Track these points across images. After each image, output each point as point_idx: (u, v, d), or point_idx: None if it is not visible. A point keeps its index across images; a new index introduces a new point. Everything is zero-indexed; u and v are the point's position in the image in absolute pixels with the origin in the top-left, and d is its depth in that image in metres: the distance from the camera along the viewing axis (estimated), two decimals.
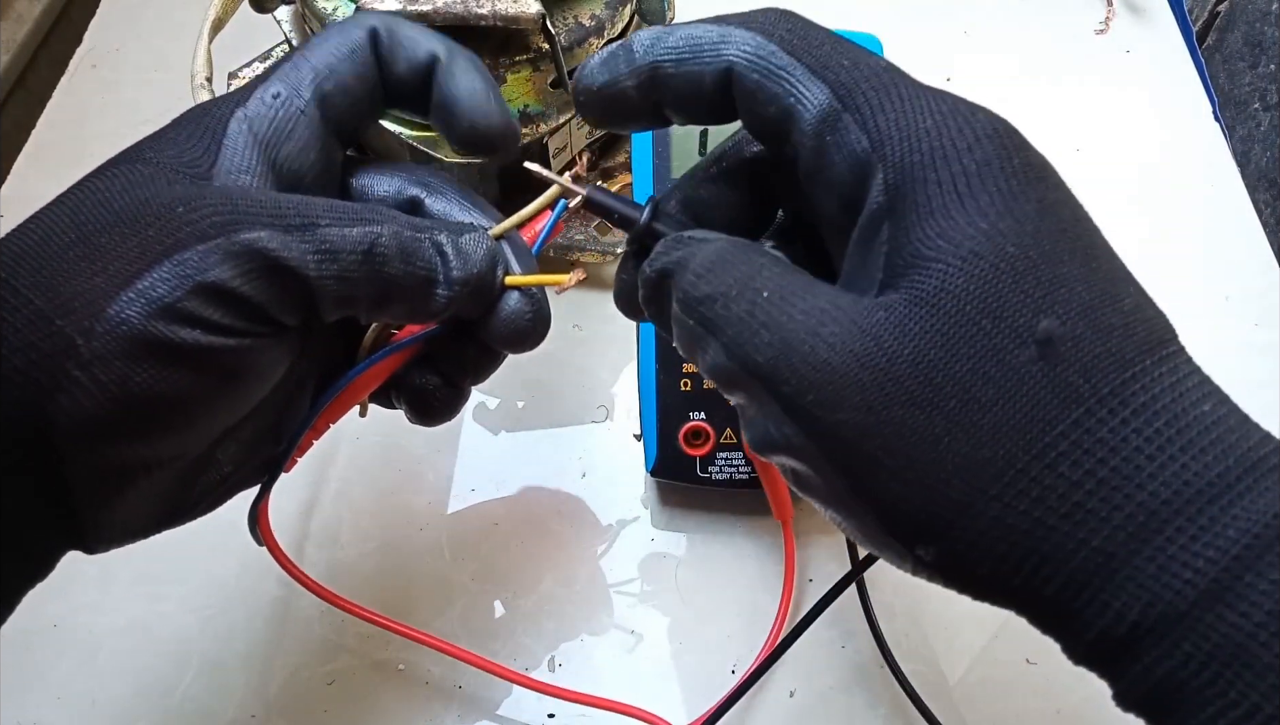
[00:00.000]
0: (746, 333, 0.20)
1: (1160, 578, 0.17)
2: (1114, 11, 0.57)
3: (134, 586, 0.38)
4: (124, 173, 0.22)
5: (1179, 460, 0.17)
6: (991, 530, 0.18)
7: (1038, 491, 0.17)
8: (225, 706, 0.36)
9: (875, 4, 0.58)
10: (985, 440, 0.18)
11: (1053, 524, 0.17)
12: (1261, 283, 0.47)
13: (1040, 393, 0.18)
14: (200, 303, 0.20)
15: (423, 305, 0.24)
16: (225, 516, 0.39)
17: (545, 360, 0.44)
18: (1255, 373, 0.44)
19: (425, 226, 0.24)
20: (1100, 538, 0.17)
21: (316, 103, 0.24)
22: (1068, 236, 0.19)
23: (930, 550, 0.18)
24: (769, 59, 0.21)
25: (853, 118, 0.20)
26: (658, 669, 0.37)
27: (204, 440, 0.23)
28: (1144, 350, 0.19)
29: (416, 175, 0.26)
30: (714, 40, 0.22)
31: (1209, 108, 0.53)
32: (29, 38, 0.59)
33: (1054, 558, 0.17)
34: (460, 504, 0.41)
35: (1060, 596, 0.18)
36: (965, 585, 0.19)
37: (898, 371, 0.18)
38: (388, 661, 0.37)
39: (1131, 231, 0.49)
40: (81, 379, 0.19)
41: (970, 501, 0.18)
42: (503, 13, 0.36)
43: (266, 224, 0.21)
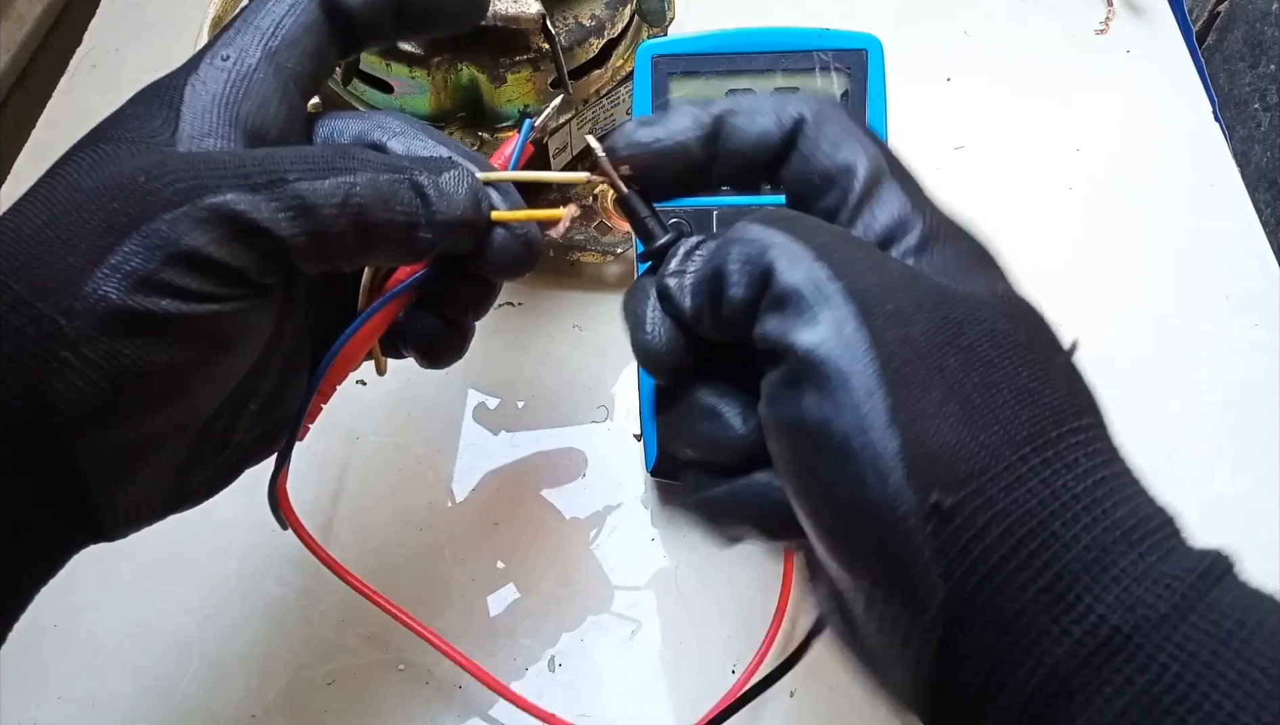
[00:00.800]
0: (842, 243, 0.20)
1: (1142, 582, 0.17)
2: (1114, 12, 0.57)
3: (134, 586, 0.38)
4: (89, 154, 0.21)
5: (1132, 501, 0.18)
6: (1012, 491, 0.17)
7: (1051, 472, 0.18)
8: (225, 706, 0.36)
9: (876, 4, 0.58)
10: (1011, 419, 0.18)
11: (1059, 508, 0.17)
12: (1261, 283, 0.47)
13: (1061, 394, 0.19)
14: (175, 272, 0.20)
15: (406, 249, 0.24)
16: (225, 516, 0.39)
17: (545, 360, 0.44)
18: (1255, 372, 0.44)
19: (403, 166, 0.23)
20: (1090, 538, 0.17)
21: (269, 60, 0.24)
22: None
23: (950, 498, 0.17)
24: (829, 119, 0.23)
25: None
26: (658, 668, 0.37)
27: (206, 407, 0.23)
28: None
29: (378, 120, 0.26)
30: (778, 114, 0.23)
31: (1209, 108, 0.53)
32: (29, 38, 0.59)
33: (1058, 541, 0.17)
34: (460, 504, 0.41)
35: (1041, 599, 0.17)
36: (958, 563, 0.17)
37: (960, 325, 0.19)
38: (387, 662, 0.37)
39: (1131, 232, 0.49)
40: (71, 360, 0.19)
41: (997, 457, 0.17)
42: (503, 13, 0.36)
43: (233, 185, 0.21)
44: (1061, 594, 0.16)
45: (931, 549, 0.17)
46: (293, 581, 0.39)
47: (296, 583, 0.39)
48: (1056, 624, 0.16)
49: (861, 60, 0.33)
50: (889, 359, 0.18)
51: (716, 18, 0.56)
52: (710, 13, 0.54)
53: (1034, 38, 0.56)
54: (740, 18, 0.56)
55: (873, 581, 0.18)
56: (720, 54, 0.33)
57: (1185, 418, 0.43)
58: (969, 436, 0.18)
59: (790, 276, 0.20)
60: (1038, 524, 0.17)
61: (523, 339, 0.45)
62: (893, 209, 0.22)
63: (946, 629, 0.17)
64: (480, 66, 0.38)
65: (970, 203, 0.24)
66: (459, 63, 0.38)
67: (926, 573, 0.17)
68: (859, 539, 0.18)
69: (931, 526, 0.17)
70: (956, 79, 0.55)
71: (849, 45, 0.33)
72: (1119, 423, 0.21)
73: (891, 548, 0.17)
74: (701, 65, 0.33)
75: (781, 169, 0.23)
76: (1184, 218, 0.49)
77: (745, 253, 0.21)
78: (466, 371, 0.44)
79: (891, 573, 0.18)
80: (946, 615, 0.17)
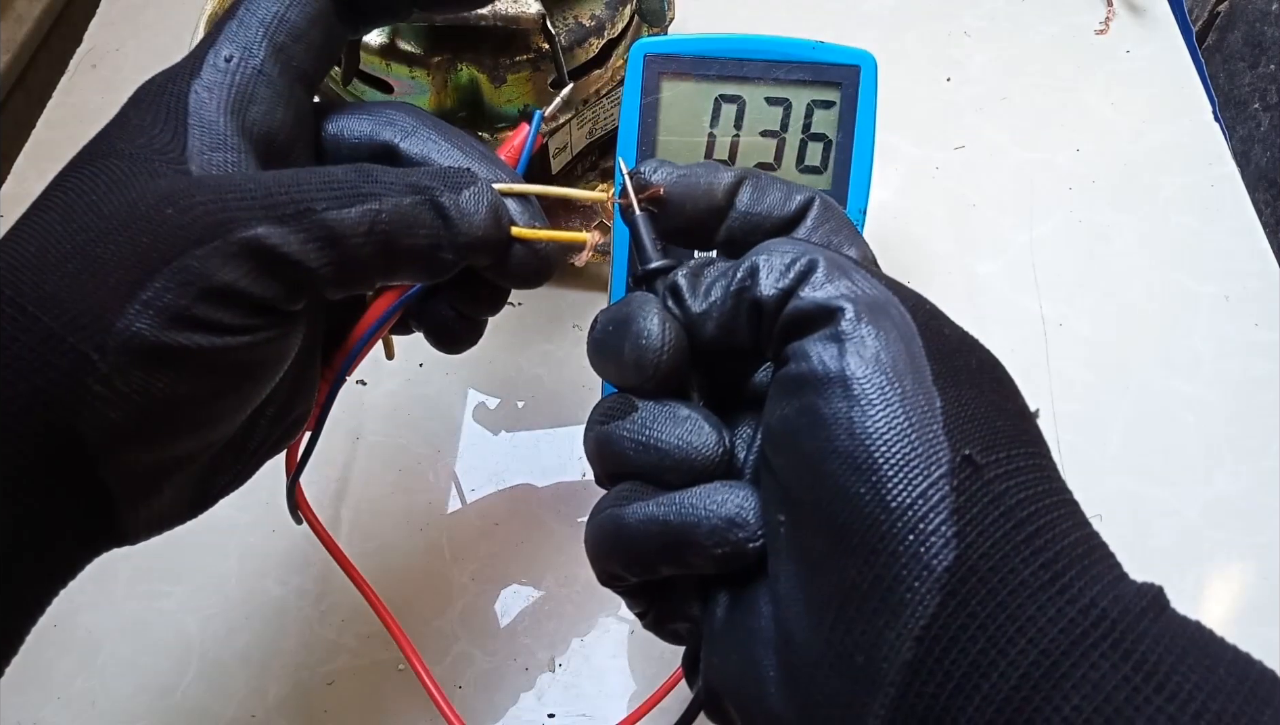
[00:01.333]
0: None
1: (1122, 582, 0.17)
2: (1114, 11, 0.57)
3: (134, 586, 0.38)
4: (105, 170, 0.21)
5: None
6: (1023, 473, 0.18)
7: (1045, 474, 0.19)
8: (225, 707, 0.36)
9: (876, 4, 0.58)
10: (1016, 421, 0.20)
11: (1054, 503, 0.18)
12: (1261, 283, 0.47)
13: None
14: (207, 306, 0.20)
15: (430, 269, 0.24)
16: (225, 516, 0.39)
17: (545, 360, 0.44)
18: (1254, 373, 0.44)
19: (423, 186, 0.23)
20: (1077, 534, 0.18)
21: (273, 58, 0.23)
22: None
23: (981, 457, 0.18)
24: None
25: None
26: (658, 669, 0.37)
27: (233, 428, 0.23)
28: None
29: (387, 116, 0.26)
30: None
31: (1209, 108, 0.53)
32: (29, 37, 0.59)
33: (1053, 529, 0.18)
34: (460, 504, 0.41)
35: (1041, 576, 0.17)
36: (975, 525, 0.17)
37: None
38: (387, 662, 0.37)
39: (1131, 231, 0.49)
40: (103, 393, 0.19)
41: (1014, 442, 0.19)
42: (503, 13, 0.36)
43: (261, 217, 0.21)
44: (1059, 574, 0.17)
45: (953, 504, 0.17)
46: (292, 582, 0.39)
47: (296, 583, 0.39)
48: (1052, 604, 0.17)
49: (854, 76, 0.33)
50: (928, 334, 0.20)
51: (717, 19, 0.56)
52: (711, 14, 0.54)
53: (1034, 37, 0.56)
54: (741, 18, 0.56)
55: (874, 547, 0.18)
56: (714, 57, 0.33)
57: (1185, 418, 0.43)
58: (996, 418, 0.19)
59: (834, 268, 0.20)
60: (1039, 508, 0.18)
61: (523, 339, 0.45)
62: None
63: (942, 600, 0.17)
64: (480, 66, 0.38)
65: (970, 202, 0.24)
66: (459, 63, 0.38)
67: (945, 527, 0.17)
68: (880, 486, 0.18)
69: (958, 480, 0.18)
70: (956, 79, 0.55)
71: (843, 60, 0.33)
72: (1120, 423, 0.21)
73: (916, 493, 0.17)
74: (693, 67, 0.33)
75: None
76: (1184, 218, 0.49)
77: (786, 257, 0.21)
78: (466, 371, 0.44)
79: (905, 527, 0.17)
80: (949, 582, 0.17)
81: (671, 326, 0.22)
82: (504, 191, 0.25)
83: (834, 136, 0.34)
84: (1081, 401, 0.43)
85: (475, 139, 0.26)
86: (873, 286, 0.20)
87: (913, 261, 0.48)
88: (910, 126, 0.52)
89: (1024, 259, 0.48)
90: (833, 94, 0.33)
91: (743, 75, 0.33)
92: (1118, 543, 0.19)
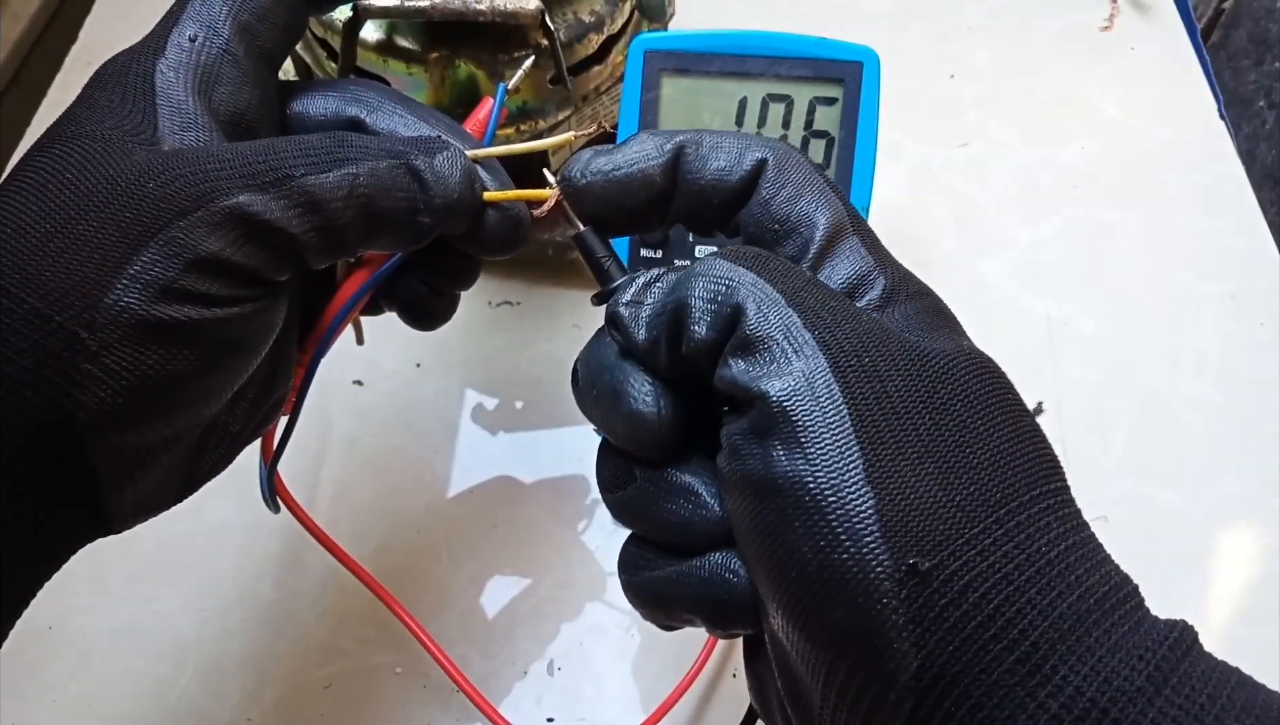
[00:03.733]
0: (813, 289, 0.20)
1: (1116, 653, 0.16)
2: (1118, 8, 0.57)
3: (129, 589, 0.38)
4: (76, 150, 0.21)
5: (1101, 568, 0.17)
6: (987, 555, 0.17)
7: (1025, 536, 0.17)
8: (221, 710, 0.36)
9: (879, 1, 0.58)
10: (986, 481, 0.17)
11: (1035, 574, 0.17)
12: (1267, 281, 0.47)
13: (1030, 458, 0.18)
14: (195, 278, 0.20)
15: (408, 234, 0.24)
16: (220, 518, 0.39)
17: (544, 360, 0.44)
18: (1260, 372, 0.44)
19: (399, 152, 0.23)
20: (1065, 605, 0.16)
21: (238, 37, 0.23)
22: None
23: (926, 561, 0.16)
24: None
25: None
26: (658, 672, 0.37)
27: (219, 405, 0.23)
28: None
29: (352, 92, 0.25)
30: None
31: (1214, 105, 0.53)
32: (24, 35, 0.59)
33: (1034, 608, 0.16)
34: (459, 506, 0.40)
35: (1017, 670, 0.16)
36: (932, 630, 0.16)
37: (934, 384, 0.18)
38: (385, 665, 0.37)
39: (1136, 230, 0.49)
40: (93, 371, 0.19)
41: (973, 519, 0.17)
42: (502, 9, 0.36)
43: (242, 185, 0.21)
44: (1037, 665, 0.16)
45: (905, 615, 0.16)
46: (289, 584, 0.38)
47: (293, 585, 0.38)
48: (1032, 698, 0.15)
49: (856, 73, 0.33)
50: (863, 414, 0.17)
51: (718, 15, 0.56)
52: (712, 10, 0.54)
53: (1038, 35, 0.56)
54: (742, 14, 0.56)
55: (837, 653, 0.17)
56: (715, 54, 0.33)
57: (1191, 418, 0.43)
58: (945, 497, 0.17)
59: (760, 321, 0.19)
60: (1014, 590, 0.16)
61: (522, 339, 0.45)
62: (854, 263, 0.21)
63: (915, 703, 0.16)
64: (478, 63, 0.38)
65: (974, 200, 0.23)
66: (457, 59, 0.38)
67: (899, 641, 0.16)
68: (827, 604, 0.17)
69: (906, 591, 0.16)
70: (960, 75, 0.54)
71: (846, 57, 0.33)
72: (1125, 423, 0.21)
73: (863, 613, 0.16)
74: (694, 64, 0.33)
75: (740, 212, 0.23)
76: (1189, 216, 0.49)
77: (713, 290, 0.19)
78: (464, 372, 0.44)
79: (861, 641, 0.16)
80: (917, 688, 0.16)
81: (666, 400, 0.21)
82: (475, 158, 0.25)
83: (836, 134, 0.33)
84: (1086, 401, 0.43)
85: (442, 113, 0.26)
86: (800, 352, 0.18)
87: (916, 260, 0.47)
88: (913, 123, 0.52)
89: (1028, 257, 0.47)
90: (835, 91, 0.33)
91: (744, 72, 0.33)
92: (1123, 543, 0.18)
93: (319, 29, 0.40)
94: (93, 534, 0.22)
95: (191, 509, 0.25)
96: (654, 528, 0.21)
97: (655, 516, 0.21)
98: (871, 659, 0.16)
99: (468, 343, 0.45)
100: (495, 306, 0.46)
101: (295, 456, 0.41)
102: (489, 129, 0.27)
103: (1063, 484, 0.18)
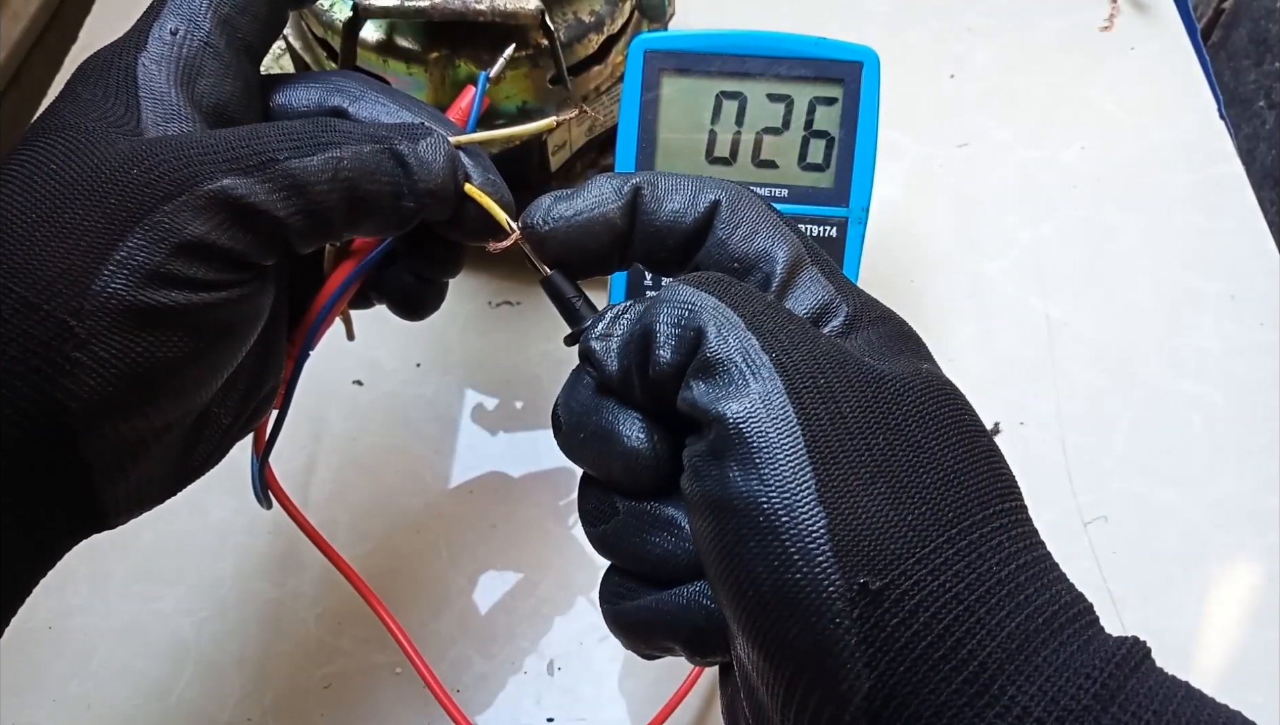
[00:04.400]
0: (773, 313, 0.20)
1: (1064, 672, 0.16)
2: (1118, 8, 0.57)
3: (129, 589, 0.38)
4: (61, 141, 0.21)
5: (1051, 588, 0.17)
6: (939, 574, 0.17)
7: (976, 555, 0.17)
8: (221, 710, 0.36)
9: (879, 1, 0.58)
10: (938, 500, 0.18)
11: (985, 593, 0.17)
12: (1266, 282, 0.47)
13: (984, 477, 0.18)
14: (181, 263, 0.20)
15: (391, 219, 0.24)
16: (219, 518, 0.39)
17: (543, 360, 0.44)
18: (1260, 372, 0.44)
19: (382, 136, 0.23)
20: (1013, 624, 0.16)
21: (219, 30, 0.23)
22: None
23: (877, 580, 0.16)
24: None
25: None
26: (657, 672, 0.36)
27: (209, 394, 0.23)
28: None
29: (334, 83, 0.26)
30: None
31: (1214, 105, 0.53)
32: (24, 35, 0.59)
33: (983, 628, 0.16)
34: (458, 505, 0.40)
35: (965, 691, 0.16)
36: (884, 650, 0.16)
37: (889, 405, 0.18)
38: (384, 664, 0.37)
39: (1135, 230, 0.49)
40: (83, 359, 0.19)
41: (924, 539, 0.17)
42: (501, 9, 0.36)
43: (226, 169, 0.21)
44: (985, 685, 0.16)
45: (857, 635, 0.16)
46: (288, 584, 0.38)
47: (292, 585, 0.38)
48: (980, 718, 0.16)
49: (856, 73, 0.33)
50: (817, 435, 0.18)
51: (718, 15, 0.56)
52: (712, 9, 0.54)
53: (1038, 34, 0.56)
54: (742, 14, 0.56)
55: (794, 673, 0.17)
56: (715, 54, 0.33)
57: (1190, 418, 0.43)
58: (896, 517, 0.17)
59: (720, 344, 0.19)
60: (964, 609, 0.16)
61: (522, 339, 0.45)
62: (816, 293, 0.22)
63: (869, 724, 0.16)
64: (479, 63, 0.38)
65: (974, 200, 0.23)
66: (457, 59, 0.38)
67: (851, 661, 0.16)
68: (782, 624, 0.17)
69: (858, 610, 0.16)
70: (960, 76, 0.54)
71: (845, 57, 0.33)
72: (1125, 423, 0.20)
73: (816, 633, 0.16)
74: (694, 64, 0.33)
75: (698, 253, 0.23)
76: (1188, 216, 0.49)
77: (676, 315, 0.20)
78: (464, 372, 0.44)
79: (815, 661, 0.16)
80: (869, 709, 0.16)
81: (657, 436, 0.21)
82: (458, 144, 0.25)
83: (836, 133, 0.33)
84: (1086, 401, 0.43)
85: (421, 101, 0.26)
86: (757, 375, 0.18)
87: (916, 260, 0.47)
88: (913, 123, 0.52)
89: (1028, 257, 0.47)
90: (835, 90, 0.33)
91: (744, 71, 0.33)
92: (1123, 543, 0.18)
93: (319, 29, 0.40)
94: (86, 529, 0.22)
95: (192, 509, 0.25)
96: (636, 561, 0.21)
97: (638, 550, 0.21)
98: (827, 679, 0.16)
99: (467, 343, 0.45)
100: (495, 306, 0.46)
101: (295, 456, 0.41)
102: (471, 117, 0.27)
103: (1018, 503, 0.19)
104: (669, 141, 0.34)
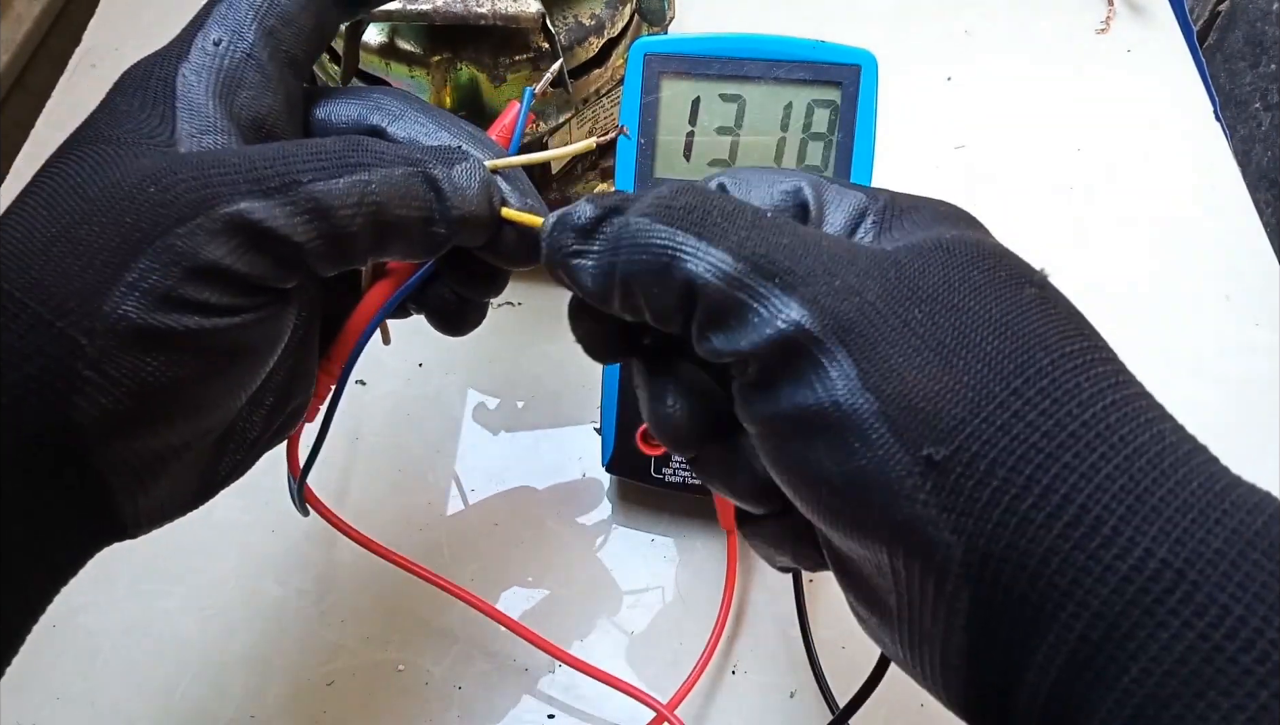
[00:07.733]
0: (760, 233, 0.19)
1: (1187, 513, 0.15)
2: (1115, 11, 0.57)
3: (133, 587, 0.38)
4: (90, 155, 0.21)
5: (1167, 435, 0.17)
6: (1009, 429, 0.16)
7: (1050, 402, 0.16)
8: (224, 707, 0.36)
9: (877, 3, 0.58)
10: (993, 354, 0.17)
11: (1068, 439, 0.16)
12: (1262, 283, 0.47)
13: (1040, 322, 0.18)
14: (194, 286, 0.20)
15: (421, 244, 0.23)
16: (224, 516, 0.39)
17: (544, 360, 0.44)
18: (1256, 373, 0.44)
19: (416, 160, 0.22)
20: (1110, 466, 0.16)
21: (263, 42, 0.23)
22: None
23: (941, 449, 0.16)
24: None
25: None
26: (658, 670, 0.37)
27: (229, 414, 0.23)
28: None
29: (375, 100, 0.25)
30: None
31: (1210, 107, 0.53)
32: (28, 37, 0.59)
33: (1074, 472, 0.15)
34: (460, 504, 0.41)
35: (1071, 535, 0.15)
36: (967, 513, 0.16)
37: (915, 280, 0.18)
38: (387, 662, 0.37)
39: (1132, 231, 0.49)
40: (94, 378, 0.19)
41: (986, 395, 0.16)
42: (502, 12, 0.36)
43: (246, 191, 0.20)
44: (1093, 527, 0.15)
45: (936, 505, 0.16)
46: (292, 582, 0.39)
47: (296, 583, 0.38)
48: (1095, 560, 0.15)
49: (855, 75, 0.33)
50: (848, 329, 0.18)
51: (717, 18, 0.56)
52: (711, 13, 0.54)
53: (1035, 37, 0.56)
54: (741, 17, 0.56)
55: (889, 552, 0.17)
56: (714, 57, 0.33)
57: (1185, 418, 0.42)
58: (952, 381, 0.17)
59: (717, 289, 0.19)
60: (1046, 458, 0.16)
61: (523, 339, 0.45)
62: (847, 203, 0.22)
63: (974, 589, 0.16)
64: (480, 66, 0.38)
65: (970, 202, 0.23)
66: (459, 62, 0.38)
67: (937, 532, 0.16)
68: (861, 513, 0.17)
69: (930, 482, 0.16)
70: (957, 78, 0.54)
71: (843, 60, 0.33)
72: None
73: (895, 513, 0.17)
74: (694, 67, 0.33)
75: None
76: (1185, 217, 0.49)
77: (653, 265, 0.19)
78: (466, 372, 0.44)
79: (904, 539, 0.17)
80: (969, 574, 0.16)
81: (696, 406, 0.22)
82: (494, 167, 0.24)
83: (834, 136, 0.34)
84: None
85: (464, 121, 0.25)
86: (764, 302, 0.18)
87: None
88: (911, 126, 0.52)
89: (1027, 258, 0.48)
90: (833, 93, 0.33)
91: (743, 74, 0.33)
92: None
93: None
94: (108, 539, 0.22)
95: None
96: (746, 498, 0.22)
97: (728, 489, 0.23)
98: (920, 556, 0.17)
99: (469, 343, 0.45)
100: (496, 307, 0.46)
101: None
102: (515, 135, 0.26)
103: (1091, 343, 0.18)
104: (668, 144, 0.35)
